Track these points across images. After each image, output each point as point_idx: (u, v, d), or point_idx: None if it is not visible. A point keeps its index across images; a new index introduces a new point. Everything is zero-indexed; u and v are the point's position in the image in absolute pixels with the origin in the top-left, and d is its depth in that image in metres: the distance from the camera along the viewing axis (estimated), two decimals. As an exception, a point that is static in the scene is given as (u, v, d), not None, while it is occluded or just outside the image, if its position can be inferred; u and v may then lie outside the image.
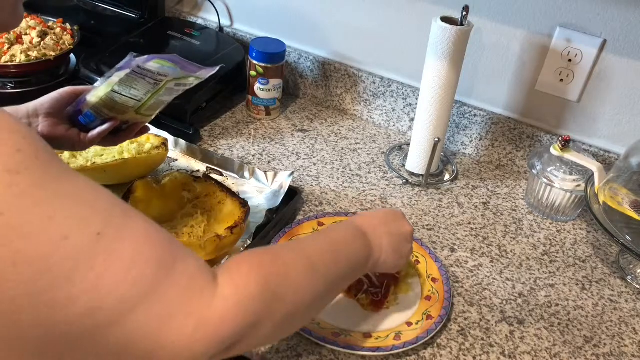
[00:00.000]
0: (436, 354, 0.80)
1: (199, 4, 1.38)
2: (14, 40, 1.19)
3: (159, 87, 0.79)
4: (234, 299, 0.49)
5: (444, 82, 1.03)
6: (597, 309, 0.91)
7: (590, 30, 1.04)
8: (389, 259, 0.73)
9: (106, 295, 0.43)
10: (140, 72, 0.77)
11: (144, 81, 0.77)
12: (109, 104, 0.80)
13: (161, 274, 0.46)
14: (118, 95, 0.78)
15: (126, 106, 0.80)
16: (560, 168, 1.03)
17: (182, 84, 0.83)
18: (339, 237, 0.68)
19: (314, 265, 0.60)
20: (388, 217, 0.77)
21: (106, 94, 0.78)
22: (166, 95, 0.83)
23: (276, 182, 1.01)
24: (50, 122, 0.81)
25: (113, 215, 0.46)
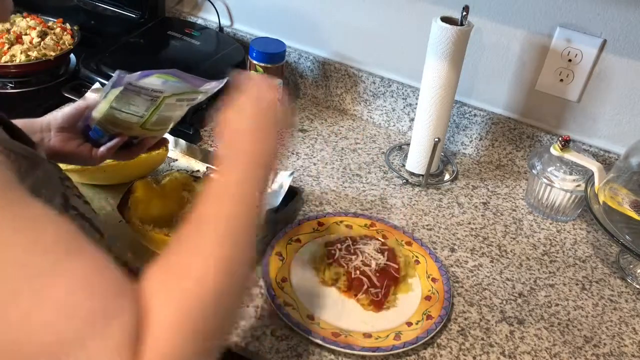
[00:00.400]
0: (436, 354, 0.80)
1: (199, 4, 1.38)
2: (14, 40, 1.19)
3: (158, 104, 0.77)
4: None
5: (444, 82, 1.03)
6: (597, 309, 0.91)
7: (590, 30, 1.04)
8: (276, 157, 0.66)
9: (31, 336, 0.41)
10: (134, 89, 0.74)
11: (140, 98, 0.75)
12: (112, 120, 0.79)
13: (87, 330, 0.42)
14: (118, 112, 0.77)
15: (129, 122, 0.79)
16: (560, 168, 1.03)
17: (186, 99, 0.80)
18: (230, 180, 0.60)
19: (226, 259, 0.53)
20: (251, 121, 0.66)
21: (107, 111, 0.77)
22: (169, 111, 0.81)
23: (276, 182, 1.01)
24: (63, 137, 0.80)
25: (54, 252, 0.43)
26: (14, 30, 1.22)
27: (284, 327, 0.80)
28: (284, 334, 0.79)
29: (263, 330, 0.79)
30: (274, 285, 0.84)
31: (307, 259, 0.90)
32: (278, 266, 0.87)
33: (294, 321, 0.79)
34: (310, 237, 0.94)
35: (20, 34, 1.21)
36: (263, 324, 0.80)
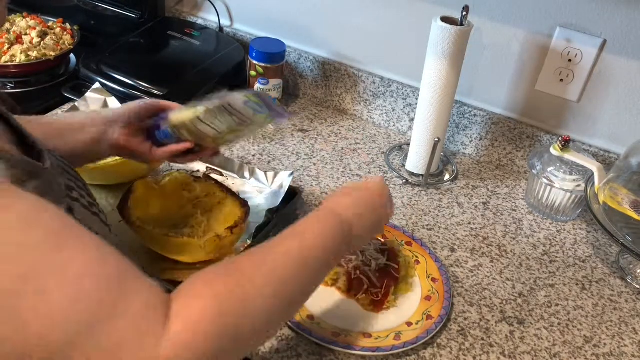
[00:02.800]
0: (436, 354, 0.80)
1: (199, 4, 1.38)
2: (14, 40, 1.19)
3: (242, 128, 0.79)
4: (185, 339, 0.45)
5: (444, 82, 1.03)
6: (597, 309, 0.91)
7: (590, 30, 1.04)
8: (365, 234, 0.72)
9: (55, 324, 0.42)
10: (229, 110, 0.77)
11: (230, 118, 0.77)
12: (191, 128, 0.79)
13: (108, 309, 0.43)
14: (201, 123, 0.78)
15: (205, 134, 0.80)
16: (560, 168, 1.03)
17: (263, 127, 0.84)
18: (314, 230, 0.65)
19: (283, 281, 0.56)
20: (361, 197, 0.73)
21: (191, 120, 0.78)
22: (246, 134, 0.83)
23: (276, 182, 1.01)
24: (127, 132, 0.81)
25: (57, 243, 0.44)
26: (14, 30, 1.22)
27: (284, 327, 0.80)
28: (284, 334, 0.79)
29: (263, 330, 0.79)
30: (274, 285, 0.84)
31: (307, 259, 0.90)
32: (278, 266, 0.87)
33: (294, 321, 0.79)
34: (310, 237, 0.94)
35: (20, 34, 1.21)
36: (263, 324, 0.80)
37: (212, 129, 0.79)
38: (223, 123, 0.78)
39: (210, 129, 0.79)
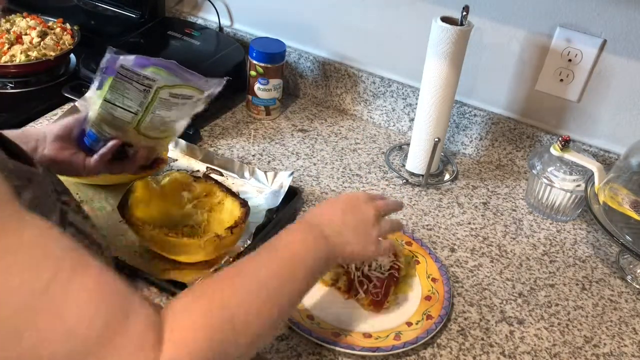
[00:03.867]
0: (436, 354, 0.80)
1: (199, 4, 1.38)
2: (14, 40, 1.19)
3: (151, 97, 0.74)
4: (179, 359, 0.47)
5: (444, 82, 1.03)
6: (597, 309, 0.91)
7: (590, 30, 1.04)
8: (356, 248, 0.70)
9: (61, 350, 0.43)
10: (126, 75, 0.72)
11: (133, 87, 0.73)
12: (106, 117, 0.76)
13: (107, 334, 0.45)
14: (111, 106, 0.74)
15: (123, 121, 0.76)
16: (560, 168, 1.03)
17: (181, 96, 0.76)
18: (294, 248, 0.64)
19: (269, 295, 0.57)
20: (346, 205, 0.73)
21: (100, 106, 0.75)
22: (164, 110, 0.77)
23: (276, 182, 1.01)
24: (57, 146, 0.79)
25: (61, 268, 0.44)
26: (14, 30, 1.22)
27: (284, 327, 0.80)
28: (284, 334, 0.79)
29: (263, 330, 0.79)
30: (274, 285, 0.84)
31: (307, 259, 0.90)
32: (278, 266, 0.87)
33: (294, 321, 0.79)
34: (310, 237, 0.94)
35: (20, 34, 1.21)
36: (263, 324, 0.80)
37: (126, 111, 0.74)
38: (132, 98, 0.73)
39: (124, 112, 0.75)
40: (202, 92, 0.78)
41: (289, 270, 0.61)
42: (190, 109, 0.81)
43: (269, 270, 0.60)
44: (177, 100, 0.77)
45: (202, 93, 0.78)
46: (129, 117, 0.76)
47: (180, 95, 0.77)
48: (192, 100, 0.79)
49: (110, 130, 0.78)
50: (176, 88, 0.75)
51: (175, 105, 0.78)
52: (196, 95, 0.78)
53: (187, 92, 0.77)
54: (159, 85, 0.74)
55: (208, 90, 0.78)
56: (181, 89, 0.76)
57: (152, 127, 0.79)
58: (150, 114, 0.77)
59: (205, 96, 0.79)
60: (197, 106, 0.80)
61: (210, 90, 0.78)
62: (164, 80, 0.74)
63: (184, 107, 0.80)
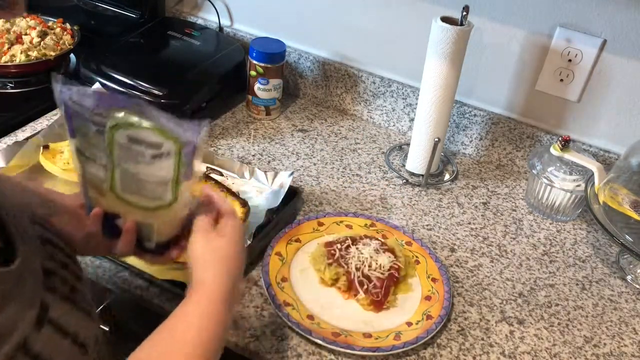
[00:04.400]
0: (436, 354, 0.80)
1: (199, 4, 1.38)
2: (14, 40, 1.19)
3: (109, 141, 0.57)
4: None
5: (444, 82, 1.03)
6: (597, 309, 0.91)
7: (590, 30, 1.04)
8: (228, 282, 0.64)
9: None
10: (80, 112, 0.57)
11: (89, 125, 0.57)
12: (86, 176, 0.62)
13: None
14: (84, 159, 0.60)
15: (98, 178, 0.61)
16: (560, 168, 1.03)
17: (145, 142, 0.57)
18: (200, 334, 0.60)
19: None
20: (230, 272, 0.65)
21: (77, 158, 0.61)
22: (130, 161, 0.58)
23: (276, 182, 1.01)
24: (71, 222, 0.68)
25: None
26: (14, 30, 1.22)
27: (284, 327, 0.80)
28: (284, 334, 0.79)
29: (263, 330, 0.79)
30: (274, 285, 0.84)
31: (307, 259, 0.90)
32: (278, 266, 0.87)
33: (293, 321, 0.79)
34: (310, 237, 0.94)
35: (20, 34, 1.21)
36: (263, 324, 0.80)
37: (98, 165, 0.60)
38: (96, 145, 0.58)
39: (97, 167, 0.60)
40: (175, 141, 0.57)
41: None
42: (168, 168, 0.59)
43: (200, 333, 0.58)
44: (141, 148, 0.57)
45: (175, 142, 0.57)
46: (101, 173, 0.60)
47: (145, 142, 0.57)
48: (163, 152, 0.57)
49: (93, 194, 0.63)
50: (135, 129, 0.56)
51: (142, 156, 0.58)
52: (167, 144, 0.57)
53: (153, 138, 0.57)
54: (111, 124, 0.56)
55: (183, 137, 0.57)
56: (143, 132, 0.56)
57: (128, 189, 0.61)
58: (117, 168, 0.59)
59: (185, 148, 0.57)
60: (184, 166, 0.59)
61: (187, 138, 0.57)
62: (116, 117, 0.56)
63: (156, 163, 0.59)
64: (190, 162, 0.58)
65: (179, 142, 0.57)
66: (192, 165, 0.59)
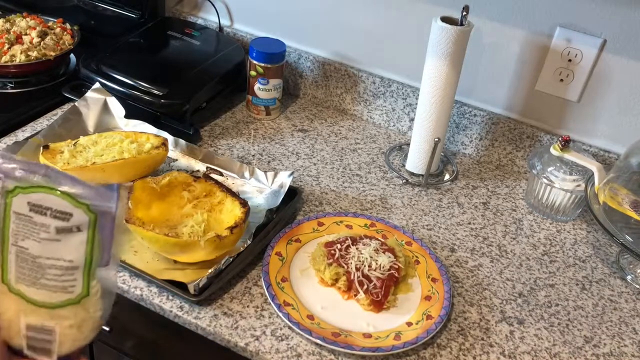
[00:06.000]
0: (436, 354, 0.80)
1: (199, 4, 1.38)
2: (14, 40, 1.19)
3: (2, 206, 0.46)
4: None
5: (444, 82, 1.03)
6: (597, 309, 0.91)
7: (590, 30, 1.04)
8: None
9: None
10: None
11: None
12: None
13: None
14: None
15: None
16: (560, 168, 1.03)
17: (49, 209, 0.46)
18: None
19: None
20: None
21: None
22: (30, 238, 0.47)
23: (276, 182, 1.01)
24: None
25: None
26: (14, 30, 1.22)
27: (284, 327, 0.80)
28: (284, 334, 0.79)
29: (263, 330, 0.79)
30: (274, 285, 0.84)
31: (307, 259, 0.90)
32: (278, 266, 0.87)
33: (294, 321, 0.79)
34: (310, 237, 0.94)
35: (20, 34, 1.21)
36: (263, 324, 0.80)
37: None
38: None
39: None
40: (87, 209, 0.47)
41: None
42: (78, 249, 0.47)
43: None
44: (45, 220, 0.46)
45: (87, 211, 0.47)
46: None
47: (50, 210, 0.46)
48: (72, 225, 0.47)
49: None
50: (37, 191, 0.46)
51: (45, 231, 0.47)
52: (77, 213, 0.47)
53: (60, 206, 0.46)
54: (8, 188, 0.46)
55: (96, 205, 0.47)
56: (50, 197, 0.46)
57: (25, 278, 0.48)
58: (12, 249, 0.47)
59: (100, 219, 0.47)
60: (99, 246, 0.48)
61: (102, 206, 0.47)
62: (17, 178, 0.46)
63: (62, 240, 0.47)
64: (107, 241, 0.48)
65: (92, 211, 0.47)
66: (111, 246, 0.48)
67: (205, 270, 0.83)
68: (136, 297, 0.82)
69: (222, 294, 0.83)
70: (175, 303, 0.81)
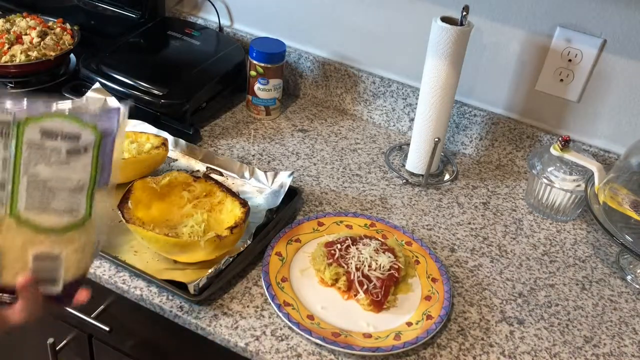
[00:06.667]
0: (436, 354, 0.80)
1: (199, 4, 1.38)
2: (14, 40, 1.19)
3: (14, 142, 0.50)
4: None
5: (444, 82, 1.03)
6: (597, 309, 0.91)
7: (590, 30, 1.04)
8: None
9: None
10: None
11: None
12: None
13: None
14: None
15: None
16: (560, 168, 1.03)
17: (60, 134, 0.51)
18: None
19: None
20: None
21: None
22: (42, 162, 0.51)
23: (276, 182, 1.01)
24: None
25: None
26: (14, 30, 1.22)
27: (284, 327, 0.80)
28: (284, 334, 0.79)
29: (263, 330, 0.79)
30: (274, 285, 0.84)
31: (307, 259, 0.90)
32: (278, 266, 0.87)
33: (294, 321, 0.79)
34: (310, 237, 0.94)
35: (20, 34, 1.21)
36: (263, 324, 0.80)
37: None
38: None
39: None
40: (93, 129, 0.52)
41: None
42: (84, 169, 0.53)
43: None
44: (56, 143, 0.51)
45: (93, 130, 0.52)
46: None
47: (61, 133, 0.51)
48: (81, 146, 0.52)
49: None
50: (48, 119, 0.51)
51: (56, 154, 0.52)
52: (85, 134, 0.52)
53: (70, 128, 0.51)
54: (20, 119, 0.50)
55: (100, 124, 0.52)
56: (60, 122, 0.51)
57: (35, 205, 0.52)
58: (23, 178, 0.51)
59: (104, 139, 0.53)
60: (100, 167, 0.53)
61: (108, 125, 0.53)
62: (29, 111, 0.51)
63: (71, 162, 0.52)
64: (107, 162, 0.53)
65: (98, 131, 0.52)
66: (110, 167, 0.53)
67: (205, 270, 0.83)
68: (136, 297, 0.82)
69: (222, 294, 0.83)
70: (175, 303, 0.81)
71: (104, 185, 0.53)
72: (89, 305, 0.91)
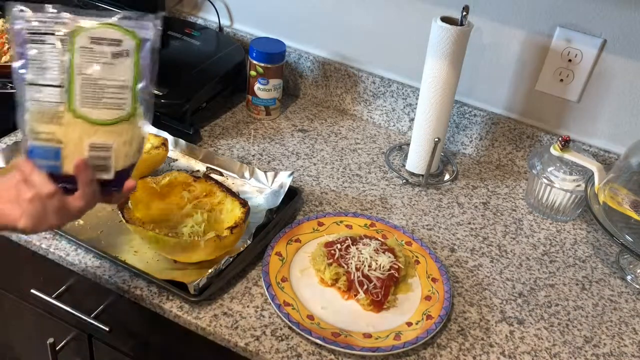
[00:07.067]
0: (436, 354, 0.80)
1: (199, 4, 1.38)
2: (14, 40, 1.19)
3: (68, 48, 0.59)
4: None
5: (444, 82, 1.03)
6: (597, 309, 0.91)
7: (590, 30, 1.04)
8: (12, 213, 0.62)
9: None
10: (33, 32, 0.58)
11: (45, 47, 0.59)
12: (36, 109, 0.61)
13: None
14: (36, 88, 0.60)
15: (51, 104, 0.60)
16: (560, 168, 1.03)
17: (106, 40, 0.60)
18: None
19: None
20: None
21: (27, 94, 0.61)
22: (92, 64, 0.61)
23: (276, 182, 1.01)
24: None
25: None
26: (14, 30, 1.22)
27: (284, 327, 0.80)
28: (284, 334, 0.79)
29: (263, 330, 0.79)
30: (274, 285, 0.84)
31: (307, 259, 0.90)
32: (278, 266, 0.87)
33: (294, 321, 0.79)
34: (310, 237, 0.94)
35: (20, 34, 1.21)
36: (263, 324, 0.80)
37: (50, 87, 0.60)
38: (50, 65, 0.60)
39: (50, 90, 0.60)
40: (133, 36, 0.61)
41: None
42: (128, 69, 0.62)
43: None
44: (103, 47, 0.60)
45: (134, 37, 0.61)
46: (56, 96, 0.59)
47: (106, 39, 0.60)
48: (123, 49, 0.61)
49: (44, 129, 0.61)
50: (96, 29, 0.59)
51: (103, 56, 0.60)
52: (126, 39, 0.61)
53: (113, 35, 0.60)
54: (72, 29, 0.59)
55: (141, 32, 0.62)
56: (104, 30, 0.60)
57: (88, 101, 0.61)
58: (77, 77, 0.60)
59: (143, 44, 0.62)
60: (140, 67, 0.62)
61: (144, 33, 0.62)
62: (79, 22, 0.60)
63: (116, 64, 0.62)
64: (146, 66, 0.62)
65: (137, 38, 0.61)
66: (150, 70, 0.62)
67: (205, 270, 0.83)
68: (136, 297, 0.82)
69: (222, 294, 0.83)
70: (175, 303, 0.81)
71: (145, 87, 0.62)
72: (89, 305, 0.91)
